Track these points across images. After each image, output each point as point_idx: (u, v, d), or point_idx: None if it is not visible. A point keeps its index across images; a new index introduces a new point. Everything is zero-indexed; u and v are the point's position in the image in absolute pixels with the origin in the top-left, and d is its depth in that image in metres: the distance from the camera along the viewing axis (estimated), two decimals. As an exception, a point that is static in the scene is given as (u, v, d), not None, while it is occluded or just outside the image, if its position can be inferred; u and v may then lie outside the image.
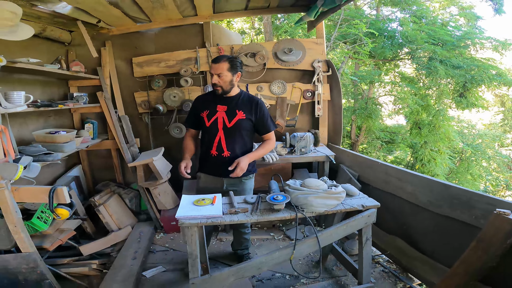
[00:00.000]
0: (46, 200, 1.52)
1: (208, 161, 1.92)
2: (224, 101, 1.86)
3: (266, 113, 1.93)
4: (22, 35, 1.53)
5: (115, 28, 2.95)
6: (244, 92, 1.96)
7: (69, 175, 2.79)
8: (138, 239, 2.59)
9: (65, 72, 2.25)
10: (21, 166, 1.39)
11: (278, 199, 1.48)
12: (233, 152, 1.86)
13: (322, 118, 3.05)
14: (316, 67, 3.01)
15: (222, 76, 1.77)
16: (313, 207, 1.50)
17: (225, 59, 1.79)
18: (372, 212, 1.60)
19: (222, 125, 1.84)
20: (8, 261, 1.60)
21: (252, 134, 1.96)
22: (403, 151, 9.13)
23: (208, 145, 1.89)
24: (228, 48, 3.05)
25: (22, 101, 1.71)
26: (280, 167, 2.68)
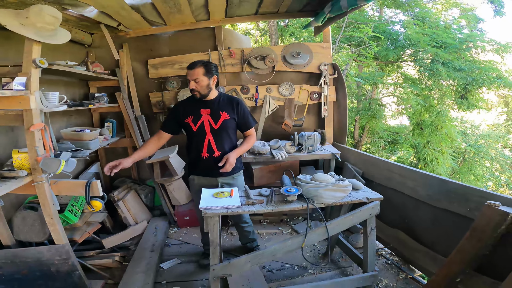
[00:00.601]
0: (82, 193, 1.68)
1: (199, 163, 2.01)
2: (206, 105, 1.95)
3: (246, 111, 2.06)
4: (61, 39, 1.68)
5: (132, 31, 3.11)
6: (223, 94, 2.08)
7: (90, 172, 2.96)
8: (154, 233, 2.75)
9: (91, 73, 2.41)
10: (63, 161, 1.55)
11: (291, 191, 1.63)
12: (223, 151, 1.97)
13: (328, 118, 3.20)
14: (322, 70, 3.16)
15: (198, 81, 1.84)
16: (323, 199, 1.65)
17: (199, 64, 1.86)
18: (376, 204, 1.75)
19: (209, 128, 1.93)
20: (42, 253, 1.71)
21: (235, 131, 2.08)
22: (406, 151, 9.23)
23: (197, 149, 1.97)
24: (238, 51, 3.20)
25: (56, 101, 1.87)
26: (289, 164, 2.83)
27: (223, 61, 3.18)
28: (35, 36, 1.53)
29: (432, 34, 5.85)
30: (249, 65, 3.19)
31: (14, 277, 1.71)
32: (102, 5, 2.27)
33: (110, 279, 2.15)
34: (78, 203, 2.07)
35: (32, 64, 1.53)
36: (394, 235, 2.33)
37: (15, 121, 1.56)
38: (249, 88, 3.21)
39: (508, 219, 1.40)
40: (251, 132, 2.10)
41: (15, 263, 1.69)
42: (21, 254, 1.71)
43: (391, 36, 6.06)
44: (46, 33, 1.59)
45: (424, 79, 6.80)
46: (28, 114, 1.53)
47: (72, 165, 1.69)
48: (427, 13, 6.26)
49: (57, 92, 1.89)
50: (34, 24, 1.53)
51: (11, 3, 1.84)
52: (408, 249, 2.19)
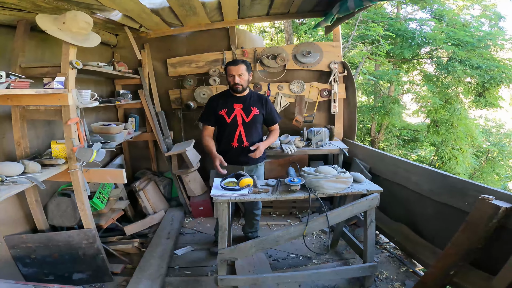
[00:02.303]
0: (109, 180, 1.91)
1: (229, 152, 2.24)
2: (238, 100, 2.22)
3: (273, 108, 2.36)
4: (93, 42, 1.89)
5: (152, 32, 3.32)
6: (252, 91, 2.32)
7: (115, 163, 3.22)
8: (171, 222, 2.95)
9: (117, 73, 2.65)
10: (95, 151, 1.78)
11: (294, 181, 1.77)
12: (251, 142, 2.23)
13: (337, 115, 3.29)
14: (332, 68, 3.25)
15: (242, 75, 2.13)
16: (324, 189, 1.78)
17: (241, 62, 2.15)
18: (375, 196, 1.85)
19: (241, 121, 2.20)
20: (72, 237, 1.89)
21: (262, 125, 2.35)
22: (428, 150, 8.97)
23: (229, 138, 2.23)
24: (251, 50, 3.34)
25: (88, 98, 2.10)
26: (298, 158, 2.96)
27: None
28: (72, 40, 1.74)
29: (449, 32, 5.72)
30: (262, 64, 3.32)
31: (46, 261, 1.88)
32: (125, 9, 2.48)
33: (129, 263, 2.29)
34: (105, 191, 2.31)
35: (69, 65, 1.75)
36: (398, 229, 2.39)
37: (54, 116, 1.80)
38: (262, 85, 3.35)
39: (499, 212, 1.46)
40: (275, 127, 2.39)
41: (47, 247, 1.87)
42: (54, 238, 1.89)
43: (406, 34, 5.96)
44: (80, 37, 1.80)
45: (441, 76, 6.64)
46: (66, 110, 1.76)
47: (102, 155, 1.91)
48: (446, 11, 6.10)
49: (89, 90, 2.12)
50: (70, 29, 1.73)
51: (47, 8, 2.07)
52: (410, 243, 2.24)
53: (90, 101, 2.01)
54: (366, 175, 2.64)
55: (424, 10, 6.49)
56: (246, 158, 2.21)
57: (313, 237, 2.79)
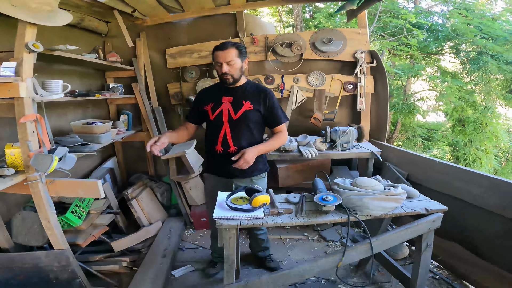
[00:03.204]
0: (81, 194, 1.48)
1: (213, 159, 1.76)
2: (230, 92, 1.70)
3: (276, 104, 1.75)
4: (59, 21, 1.47)
5: (149, 19, 2.92)
6: (251, 82, 1.80)
7: (104, 167, 2.81)
8: (168, 235, 2.54)
9: (102, 62, 2.23)
10: (56, 157, 1.34)
11: (328, 199, 1.31)
12: (240, 147, 1.67)
13: (364, 112, 2.82)
14: (358, 58, 2.78)
15: (232, 63, 1.60)
16: (369, 210, 1.31)
17: (231, 45, 1.61)
18: (438, 217, 1.39)
19: (228, 117, 1.67)
20: (39, 258, 1.55)
21: (261, 127, 1.78)
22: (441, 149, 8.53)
23: (212, 141, 1.73)
24: (262, 38, 2.90)
25: (60, 90, 1.68)
26: (319, 163, 2.49)
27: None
28: (28, 17, 1.34)
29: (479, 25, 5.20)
30: (274, 53, 2.87)
31: (10, 283, 1.56)
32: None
33: (116, 286, 1.96)
34: (84, 204, 1.88)
35: (25, 49, 1.33)
36: (446, 248, 1.99)
37: (8, 112, 1.37)
38: (274, 77, 2.89)
39: None
40: (281, 129, 1.78)
41: (11, 268, 1.54)
42: (17, 259, 1.54)
43: (432, 26, 5.46)
44: (42, 14, 1.39)
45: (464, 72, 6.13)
46: (19, 104, 1.34)
47: (71, 162, 1.49)
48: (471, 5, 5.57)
49: (60, 80, 1.69)
50: (27, 5, 1.34)
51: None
52: (463, 263, 1.90)
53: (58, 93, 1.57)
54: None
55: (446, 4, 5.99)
56: (233, 168, 1.64)
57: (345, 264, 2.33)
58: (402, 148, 2.42)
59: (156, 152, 1.56)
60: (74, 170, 2.60)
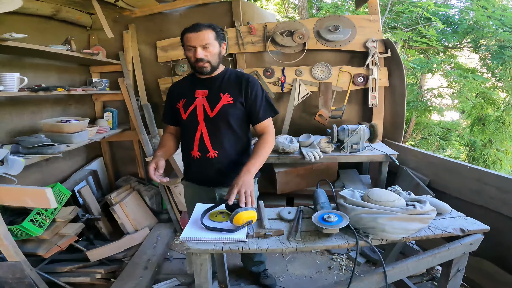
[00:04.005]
0: (28, 203, 1.22)
1: (190, 165, 1.46)
2: (204, 84, 1.37)
3: (260, 93, 1.38)
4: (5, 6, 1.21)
5: (138, 10, 2.66)
6: (230, 70, 1.45)
7: (87, 169, 2.57)
8: (154, 244, 2.29)
9: (74, 54, 1.97)
10: None
11: (331, 220, 1.00)
12: (222, 151, 1.37)
13: (377, 108, 2.48)
14: (370, 48, 2.44)
15: (209, 47, 1.27)
16: (385, 233, 1.00)
17: (206, 26, 1.28)
18: (476, 239, 1.07)
19: (203, 115, 1.34)
20: None
21: (246, 124, 1.44)
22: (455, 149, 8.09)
23: (187, 144, 1.42)
24: (260, 27, 2.60)
25: (15, 84, 1.43)
26: (324, 167, 2.17)
27: (242, 39, 2.60)
28: None
29: (501, 18, 4.76)
30: (274, 43, 2.57)
31: None
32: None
33: None
34: (48, 211, 1.63)
35: None
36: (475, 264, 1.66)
37: None
38: (274, 70, 2.59)
39: None
40: (266, 127, 1.41)
41: None
42: None
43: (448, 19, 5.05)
44: None
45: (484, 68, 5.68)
46: None
47: (17, 166, 1.24)
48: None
49: (16, 73, 1.46)
50: None
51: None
52: (493, 282, 1.61)
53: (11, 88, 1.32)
54: (424, 192, 1.84)
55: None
56: (216, 177, 1.39)
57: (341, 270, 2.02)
58: (423, 150, 2.08)
59: (165, 180, 1.30)
60: (53, 173, 2.40)
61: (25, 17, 2.03)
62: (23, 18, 2.01)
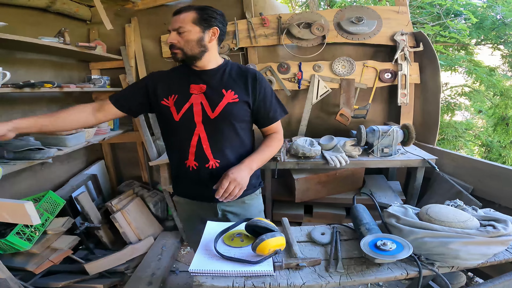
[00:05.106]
0: (7, 219, 1.02)
1: (183, 178, 1.20)
2: (201, 78, 1.13)
3: (269, 92, 1.18)
4: None
5: (141, 2, 2.47)
6: (231, 62, 1.22)
7: (86, 173, 2.37)
8: (159, 255, 2.10)
9: (68, 47, 1.77)
10: None
11: (387, 248, 0.76)
12: (224, 160, 1.14)
13: (406, 107, 2.22)
14: (399, 41, 2.20)
15: (182, 31, 1.06)
16: (458, 260, 0.77)
17: (191, 8, 1.08)
18: None
19: (202, 116, 1.10)
20: None
21: (251, 126, 1.23)
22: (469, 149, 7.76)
23: (181, 153, 1.15)
24: (274, 18, 2.37)
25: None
26: (349, 173, 1.93)
27: (254, 32, 2.37)
28: None
29: None
30: (289, 36, 2.34)
31: None
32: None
33: None
34: (38, 224, 1.42)
35: None
36: None
37: None
38: (290, 65, 2.36)
39: None
40: (276, 128, 1.23)
41: None
42: None
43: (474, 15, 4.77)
44: None
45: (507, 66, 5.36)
46: None
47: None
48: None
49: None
50: None
51: None
52: None
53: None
54: (468, 201, 1.59)
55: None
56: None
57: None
58: (463, 154, 1.82)
59: None
60: (50, 177, 2.21)
61: (16, 9, 1.84)
62: (13, 11, 1.83)
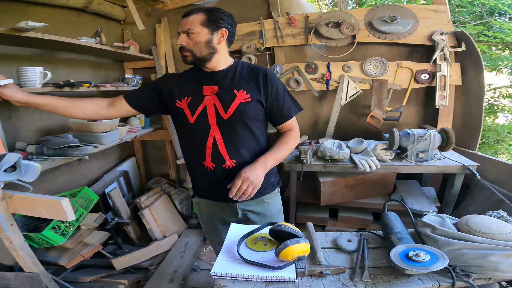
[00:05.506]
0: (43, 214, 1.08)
1: (203, 180, 1.23)
2: (212, 79, 1.14)
3: (282, 89, 1.18)
4: None
5: (170, 2, 2.52)
6: (242, 62, 1.23)
7: (118, 170, 2.49)
8: (182, 253, 2.15)
9: (104, 47, 1.86)
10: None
11: (419, 259, 0.71)
12: (241, 160, 1.15)
13: (445, 110, 2.08)
14: (438, 41, 2.07)
15: (191, 33, 1.08)
16: (498, 272, 0.71)
17: (200, 10, 1.10)
18: None
19: (215, 118, 1.12)
20: (8, 280, 1.26)
21: (265, 127, 1.24)
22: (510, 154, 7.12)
23: (197, 155, 1.18)
24: (301, 17, 2.32)
25: (38, 79, 1.33)
26: (379, 177, 1.84)
27: (281, 31, 2.35)
28: None
29: None
30: (317, 35, 2.28)
31: None
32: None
33: None
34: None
35: None
36: None
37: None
38: (318, 65, 2.30)
39: None
40: (291, 126, 1.23)
41: None
42: None
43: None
44: None
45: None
46: None
47: (32, 173, 1.09)
48: None
49: (39, 68, 1.36)
50: None
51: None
52: None
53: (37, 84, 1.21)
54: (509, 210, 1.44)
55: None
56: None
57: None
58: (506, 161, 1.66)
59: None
60: (84, 173, 2.32)
61: (55, 9, 1.95)
62: (53, 11, 1.93)
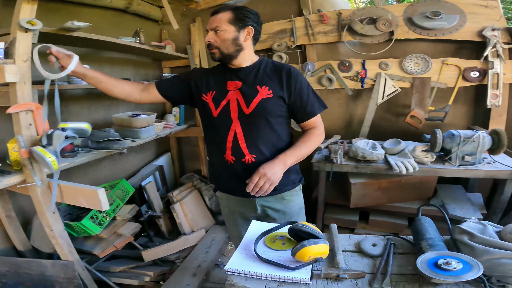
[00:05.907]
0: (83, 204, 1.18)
1: (223, 173, 1.24)
2: (237, 75, 1.17)
3: (305, 86, 1.18)
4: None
5: (203, 2, 2.59)
6: (267, 59, 1.23)
7: (154, 164, 2.62)
8: (207, 248, 2.19)
9: (142, 46, 1.98)
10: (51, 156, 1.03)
11: (450, 268, 0.64)
12: (260, 156, 1.16)
13: (498, 110, 1.87)
14: (490, 37, 1.87)
15: (219, 30, 1.11)
16: None
17: (226, 8, 1.13)
18: None
19: (237, 113, 1.14)
20: (46, 267, 1.36)
21: (287, 123, 1.24)
22: None
23: (219, 148, 1.20)
24: (333, 14, 2.25)
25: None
26: (417, 180, 1.71)
27: (312, 29, 2.29)
28: None
29: None
30: (351, 32, 2.19)
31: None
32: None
33: None
34: (109, 209, 1.63)
35: (18, 27, 1.09)
36: None
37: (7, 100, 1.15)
38: (352, 63, 2.20)
39: None
40: (315, 123, 1.22)
41: (18, 274, 1.39)
42: (24, 265, 1.37)
43: None
44: None
45: None
46: (12, 91, 1.10)
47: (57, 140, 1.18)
48: None
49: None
50: None
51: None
52: None
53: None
54: None
55: None
56: None
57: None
58: None
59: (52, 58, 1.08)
60: (123, 166, 2.48)
61: (99, 10, 2.09)
62: (97, 11, 2.08)
